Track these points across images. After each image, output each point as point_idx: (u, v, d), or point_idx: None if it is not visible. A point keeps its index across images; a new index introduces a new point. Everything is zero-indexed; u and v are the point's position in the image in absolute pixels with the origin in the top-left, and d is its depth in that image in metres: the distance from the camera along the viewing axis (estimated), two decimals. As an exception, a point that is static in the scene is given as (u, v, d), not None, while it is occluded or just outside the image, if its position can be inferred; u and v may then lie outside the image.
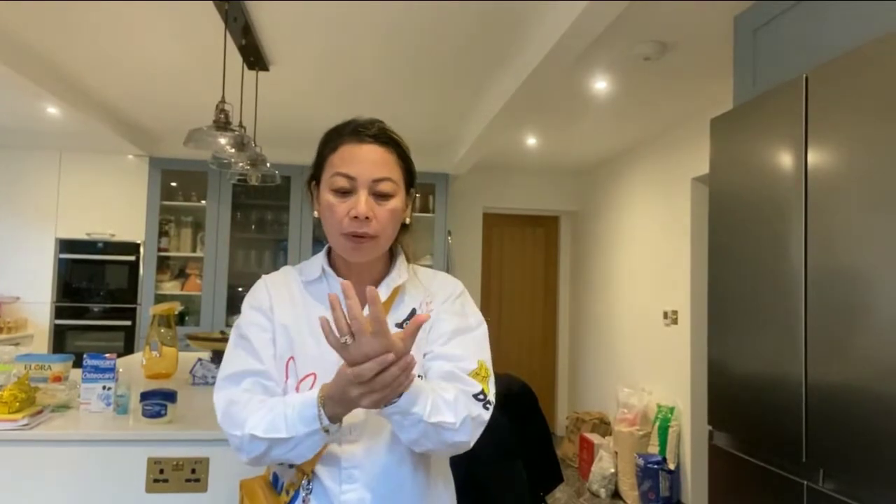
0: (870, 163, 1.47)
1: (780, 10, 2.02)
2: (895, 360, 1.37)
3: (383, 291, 1.15)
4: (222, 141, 2.51)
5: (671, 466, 3.99)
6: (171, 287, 5.18)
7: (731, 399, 1.97)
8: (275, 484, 1.15)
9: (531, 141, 4.85)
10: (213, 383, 2.43)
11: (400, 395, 0.94)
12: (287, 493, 1.10)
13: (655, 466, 3.96)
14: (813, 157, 1.64)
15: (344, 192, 1.09)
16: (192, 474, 1.68)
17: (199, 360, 2.53)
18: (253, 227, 5.45)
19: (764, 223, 1.83)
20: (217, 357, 2.76)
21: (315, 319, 1.03)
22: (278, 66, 3.30)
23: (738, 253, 1.95)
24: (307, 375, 1.09)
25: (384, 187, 1.10)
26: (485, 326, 1.18)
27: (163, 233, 5.13)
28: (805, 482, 1.63)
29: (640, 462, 4.02)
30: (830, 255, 1.58)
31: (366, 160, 1.09)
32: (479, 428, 1.06)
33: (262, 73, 3.31)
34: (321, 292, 1.15)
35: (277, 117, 4.20)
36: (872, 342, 1.44)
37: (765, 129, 1.84)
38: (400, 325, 1.13)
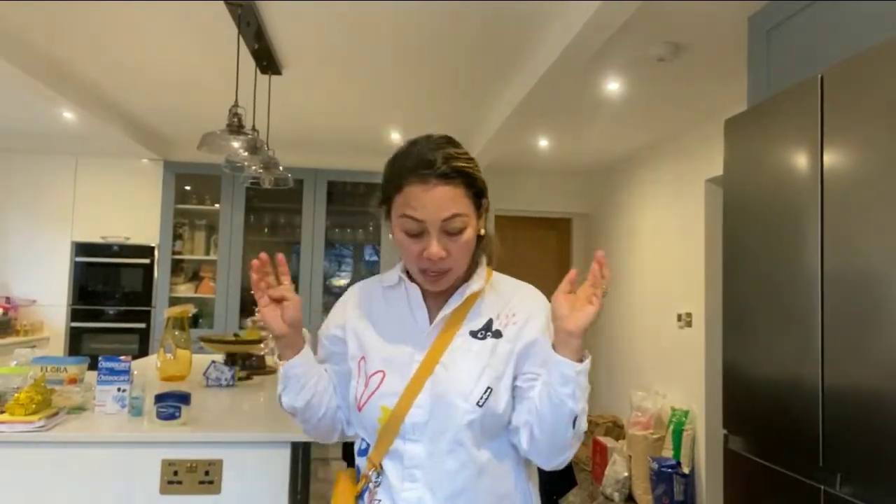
0: (887, 163, 1.45)
1: (793, 11, 2.00)
2: (914, 364, 1.35)
3: (456, 299, 1.16)
4: (235, 144, 2.53)
5: (685, 470, 3.95)
6: (184, 290, 5.21)
7: (746, 403, 1.95)
8: (358, 475, 1.20)
9: (543, 143, 4.84)
10: (227, 385, 2.46)
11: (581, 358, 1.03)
12: (362, 482, 1.16)
13: (669, 470, 3.92)
14: (829, 158, 1.63)
15: (415, 234, 1.09)
16: (206, 476, 1.68)
17: (213, 362, 2.54)
18: (266, 229, 5.48)
19: (779, 225, 1.81)
20: (230, 359, 2.78)
21: (388, 323, 1.18)
22: (291, 70, 3.32)
23: (754, 255, 1.93)
24: (376, 372, 1.14)
25: (455, 224, 1.08)
26: None
27: (177, 236, 5.18)
28: (822, 487, 1.60)
29: (654, 466, 3.99)
30: (847, 257, 1.56)
31: (432, 203, 1.06)
32: (580, 440, 1.10)
33: (274, 77, 3.33)
34: (398, 297, 1.21)
35: (290, 121, 4.22)
36: (890, 345, 1.42)
37: (779, 129, 1.82)
38: (475, 335, 1.14)
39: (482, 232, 1.16)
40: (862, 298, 1.50)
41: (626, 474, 4.31)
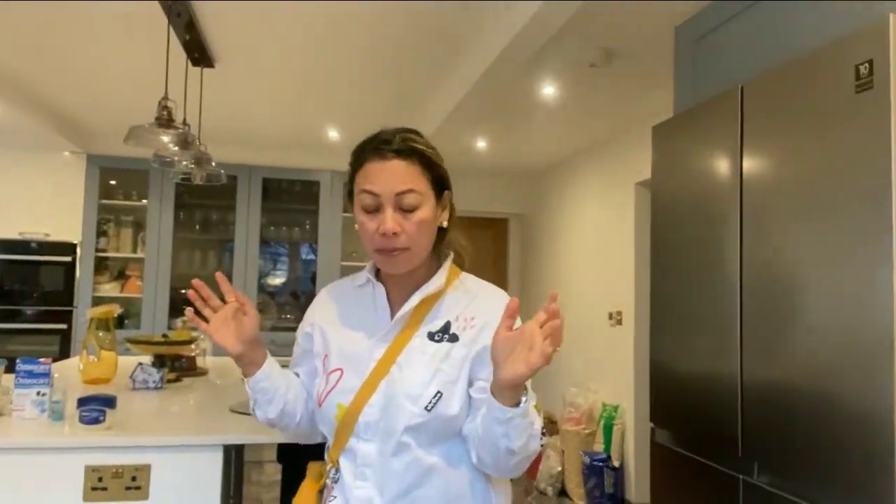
0: (800, 171, 1.55)
1: (717, 23, 2.10)
2: (824, 360, 1.45)
3: (415, 298, 1.16)
4: (165, 139, 2.45)
5: (615, 464, 4.09)
6: (109, 289, 5.01)
7: (671, 397, 2.04)
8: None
9: (481, 144, 4.90)
10: (155, 388, 2.38)
11: (518, 403, 1.00)
12: (323, 478, 1.19)
13: (600, 464, 4.05)
14: (748, 165, 1.72)
15: (372, 210, 1.11)
16: (133, 482, 1.63)
17: (140, 364, 2.46)
18: (197, 227, 5.32)
19: (702, 227, 1.90)
20: (159, 361, 2.69)
21: (352, 321, 1.20)
22: (224, 64, 3.24)
23: (679, 256, 2.02)
24: (335, 370, 1.17)
25: (409, 200, 1.10)
26: None
27: (101, 233, 4.97)
28: (741, 476, 1.69)
29: (586, 460, 4.10)
30: (764, 260, 1.65)
31: (388, 175, 1.10)
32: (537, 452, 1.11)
33: (207, 70, 3.24)
34: (365, 296, 1.23)
35: (223, 115, 4.12)
36: (803, 342, 1.51)
37: (703, 137, 1.91)
38: (432, 336, 1.14)
39: (444, 224, 1.19)
40: (776, 299, 1.60)
41: (559, 469, 4.41)
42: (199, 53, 3.02)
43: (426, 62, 3.19)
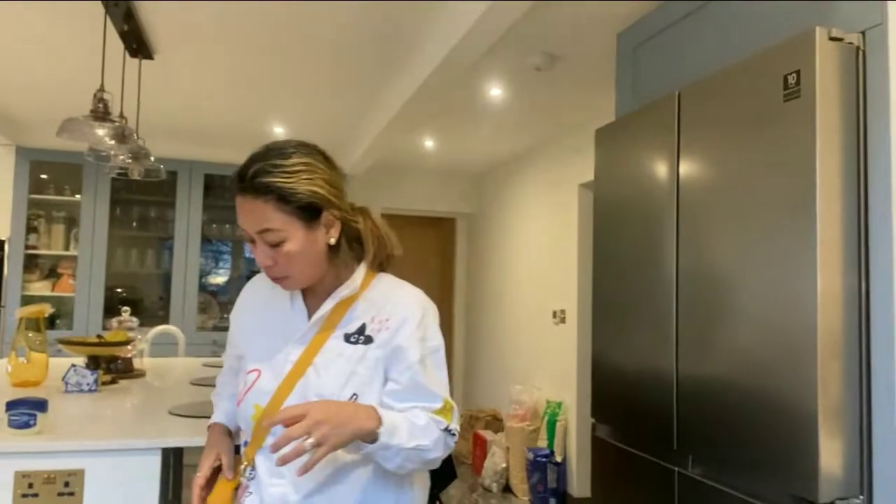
0: (732, 175, 1.62)
1: (657, 30, 2.17)
2: (753, 356, 1.52)
3: (328, 304, 1.17)
4: (100, 132, 2.37)
5: (558, 459, 4.17)
6: (40, 288, 4.80)
7: (611, 393, 2.10)
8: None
9: (429, 143, 4.91)
10: (89, 390, 2.29)
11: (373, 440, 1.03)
12: (240, 476, 1.21)
13: (544, 459, 4.12)
14: (684, 169, 1.78)
15: (250, 240, 1.13)
16: (66, 487, 1.57)
17: (73, 366, 2.36)
18: (134, 224, 5.16)
19: (641, 228, 1.96)
20: (93, 363, 2.60)
21: (269, 323, 1.21)
22: (164, 56, 3.14)
23: (619, 256, 2.08)
24: (252, 370, 1.19)
25: (269, 237, 1.10)
26: (442, 347, 1.20)
27: (31, 229, 4.75)
28: (676, 469, 1.76)
29: (530, 456, 4.17)
30: (698, 259, 1.72)
31: (246, 215, 1.10)
32: (446, 452, 1.15)
33: (146, 62, 3.14)
34: (283, 295, 1.23)
35: (163, 109, 3.99)
36: (733, 338, 1.58)
37: (643, 140, 1.97)
38: (348, 339, 1.16)
39: (331, 241, 1.15)
40: (709, 297, 1.67)
41: (504, 465, 4.47)
42: (137, 44, 2.92)
43: (373, 61, 3.18)
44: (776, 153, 1.49)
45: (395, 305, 1.18)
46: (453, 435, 1.15)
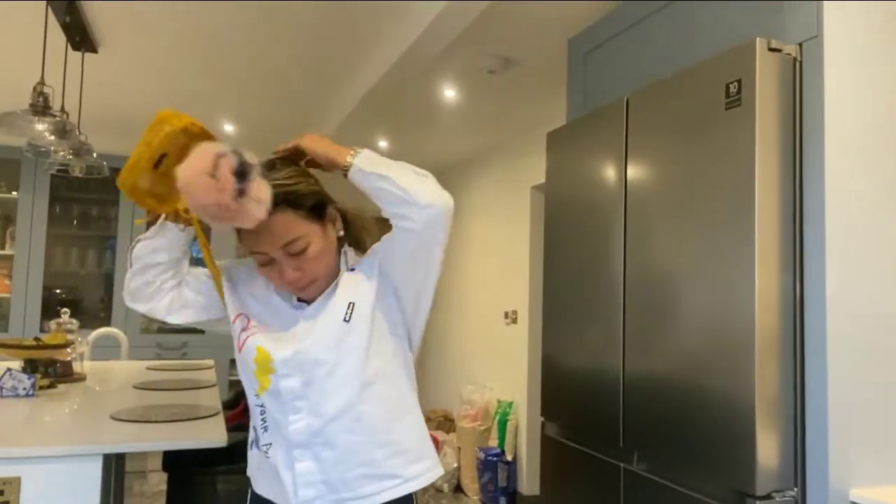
0: (676, 179, 1.67)
1: (607, 37, 2.23)
2: (694, 354, 1.57)
3: (329, 293, 1.22)
4: (40, 127, 2.28)
5: (509, 458, 4.21)
6: (-28, 288, 4.58)
7: (560, 392, 2.13)
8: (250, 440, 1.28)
9: (382, 143, 4.89)
10: (25, 395, 2.20)
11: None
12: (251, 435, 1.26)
13: (494, 459, 4.15)
14: (631, 172, 1.83)
15: (268, 263, 1.16)
16: (1, 496, 1.51)
17: (9, 370, 2.27)
18: (75, 222, 4.97)
19: (591, 230, 2.00)
20: (30, 366, 2.50)
21: (271, 299, 1.25)
22: (109, 49, 3.04)
23: (569, 257, 2.12)
24: (258, 325, 1.22)
25: (296, 246, 1.14)
26: None
27: (-37, 226, 4.53)
28: (622, 465, 1.80)
29: (481, 455, 4.20)
30: (643, 260, 1.77)
31: (267, 235, 1.12)
32: (443, 193, 1.18)
33: (89, 55, 3.04)
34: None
35: (107, 103, 3.87)
36: (676, 337, 1.63)
37: (593, 144, 2.02)
38: (345, 319, 1.19)
39: (340, 233, 1.25)
40: (654, 297, 1.72)
41: (455, 465, 4.49)
42: (80, 37, 2.82)
43: (327, 61, 3.15)
44: (718, 159, 1.54)
45: (360, 259, 1.27)
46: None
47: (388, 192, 1.12)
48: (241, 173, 1.03)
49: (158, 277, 1.25)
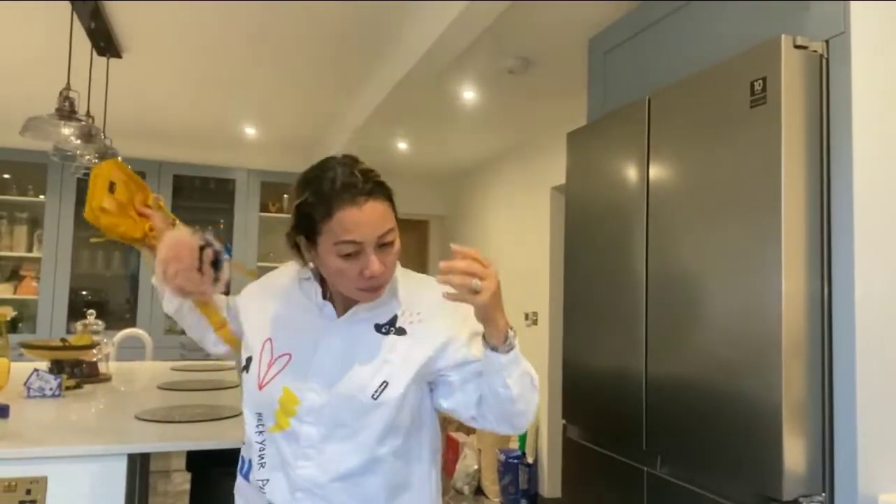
0: (700, 179, 1.65)
1: (627, 36, 2.20)
2: (719, 357, 1.55)
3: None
4: (66, 131, 2.32)
5: (530, 460, 4.19)
6: (2, 290, 4.69)
7: (582, 394, 2.11)
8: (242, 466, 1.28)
9: (402, 145, 4.90)
10: (52, 395, 2.24)
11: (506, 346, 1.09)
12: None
13: (515, 461, 4.14)
14: (654, 172, 1.81)
15: (352, 255, 1.09)
16: (28, 495, 1.53)
17: (36, 370, 2.30)
18: (101, 225, 5.04)
19: (612, 231, 1.98)
20: (57, 367, 2.54)
21: (298, 311, 1.23)
22: (133, 54, 3.09)
23: (590, 258, 2.10)
24: (283, 354, 1.19)
25: (389, 238, 1.12)
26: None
27: (-8, 230, 4.62)
28: (645, 468, 1.78)
29: (502, 457, 4.19)
30: (666, 261, 1.74)
31: (368, 222, 1.08)
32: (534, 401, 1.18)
33: (113, 61, 3.09)
34: (309, 289, 1.24)
35: (131, 108, 3.93)
36: (700, 340, 1.61)
37: (614, 144, 2.00)
38: (379, 328, 1.18)
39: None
40: (678, 299, 1.69)
41: (475, 467, 4.48)
42: (105, 42, 2.87)
43: (347, 63, 3.17)
44: (743, 158, 1.52)
45: (423, 297, 1.21)
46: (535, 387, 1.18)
47: (516, 395, 1.12)
48: (217, 262, 1.13)
49: (198, 322, 1.35)
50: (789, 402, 1.38)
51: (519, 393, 1.11)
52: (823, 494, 1.40)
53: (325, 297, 1.22)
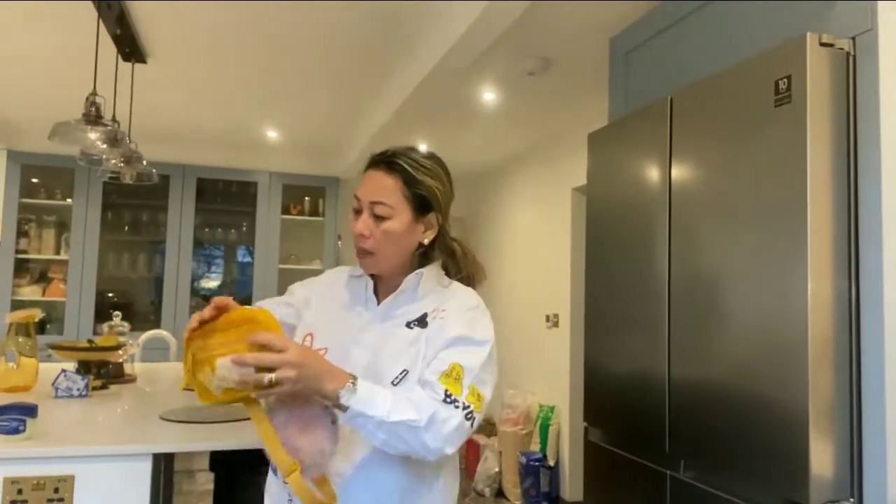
0: (723, 179, 1.63)
1: (648, 36, 2.19)
2: (744, 359, 1.52)
3: (394, 294, 1.28)
4: (92, 136, 2.36)
5: (551, 463, 4.17)
6: (30, 292, 4.77)
7: (604, 397, 2.10)
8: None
9: (422, 147, 4.90)
10: (79, 396, 2.28)
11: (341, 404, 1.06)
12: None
13: (536, 463, 4.12)
14: (676, 173, 1.79)
15: (357, 211, 1.25)
16: (56, 494, 1.56)
17: (64, 371, 2.35)
18: (126, 228, 5.13)
19: (634, 232, 1.97)
20: (84, 368, 2.58)
21: (341, 306, 1.32)
22: (157, 59, 3.13)
23: (612, 259, 2.08)
24: (320, 349, 1.25)
25: (379, 210, 1.22)
26: (491, 344, 1.25)
27: (22, 233, 4.73)
28: (668, 472, 1.76)
29: (523, 460, 4.17)
30: (690, 262, 1.72)
31: (368, 184, 1.25)
32: (454, 434, 1.11)
33: (139, 66, 3.13)
34: (358, 286, 1.34)
35: (156, 113, 3.98)
36: (725, 342, 1.59)
37: (635, 144, 1.98)
38: (409, 325, 1.25)
39: (425, 241, 1.30)
40: (702, 301, 1.67)
41: (496, 469, 4.47)
42: (130, 48, 2.92)
43: (368, 65, 3.18)
44: (767, 158, 1.49)
45: (452, 299, 1.29)
46: (457, 407, 1.11)
47: (381, 442, 1.11)
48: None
49: None
50: (816, 405, 1.36)
51: (384, 440, 1.09)
52: (852, 500, 1.38)
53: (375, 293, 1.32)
